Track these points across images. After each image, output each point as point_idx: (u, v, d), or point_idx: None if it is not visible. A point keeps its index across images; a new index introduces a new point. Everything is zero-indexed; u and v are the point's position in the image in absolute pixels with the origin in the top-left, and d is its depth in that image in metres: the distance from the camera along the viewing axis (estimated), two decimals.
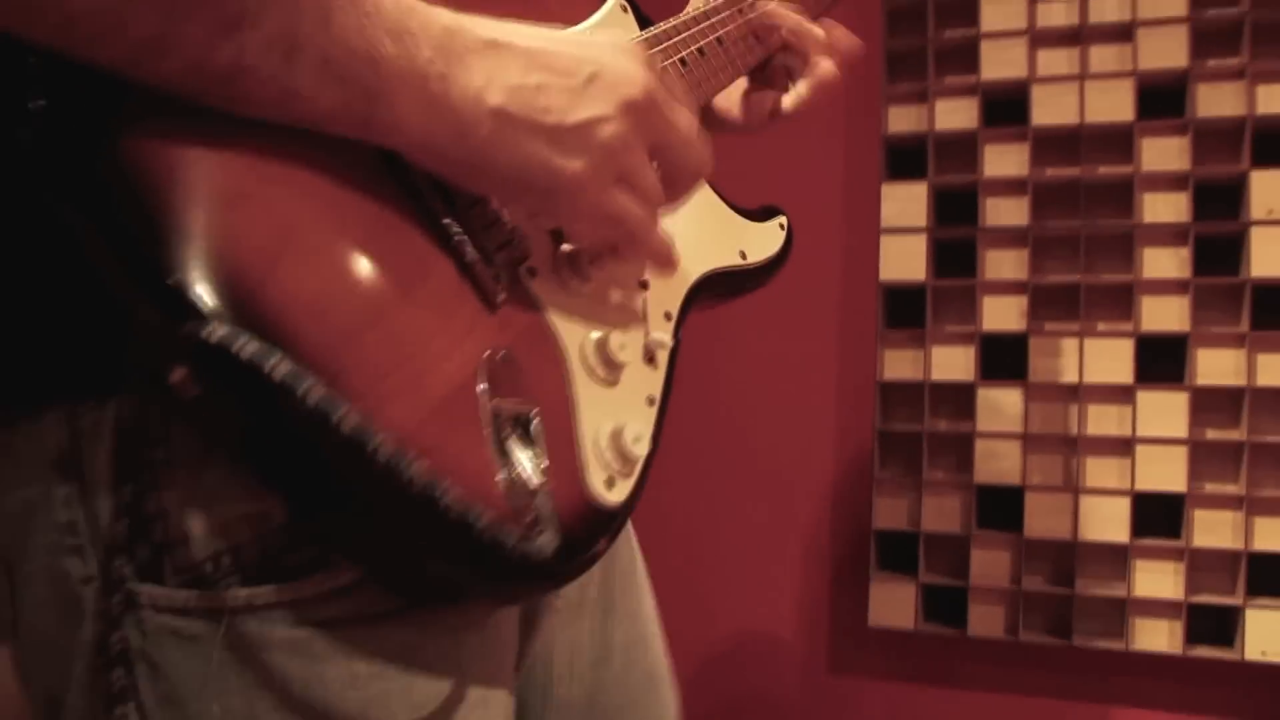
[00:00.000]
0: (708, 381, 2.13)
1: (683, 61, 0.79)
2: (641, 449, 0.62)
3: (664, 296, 0.72)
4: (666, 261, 0.67)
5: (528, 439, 0.54)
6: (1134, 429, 1.81)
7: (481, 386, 0.53)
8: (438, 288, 0.54)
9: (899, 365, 1.98)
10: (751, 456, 2.14)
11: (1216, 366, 1.79)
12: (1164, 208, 1.84)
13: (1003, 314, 1.92)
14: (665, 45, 0.78)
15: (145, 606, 0.52)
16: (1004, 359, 1.91)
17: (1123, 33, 1.88)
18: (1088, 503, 1.83)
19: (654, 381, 0.67)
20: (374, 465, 0.45)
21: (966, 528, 1.90)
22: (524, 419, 0.54)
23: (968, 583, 1.89)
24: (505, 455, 0.52)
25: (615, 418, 0.61)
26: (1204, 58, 1.84)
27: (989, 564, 1.89)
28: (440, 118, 0.51)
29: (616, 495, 0.60)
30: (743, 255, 0.85)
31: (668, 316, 0.71)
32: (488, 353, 0.54)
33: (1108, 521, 1.81)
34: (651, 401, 0.66)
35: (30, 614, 0.56)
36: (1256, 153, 1.79)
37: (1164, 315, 1.83)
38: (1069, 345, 1.87)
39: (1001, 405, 1.90)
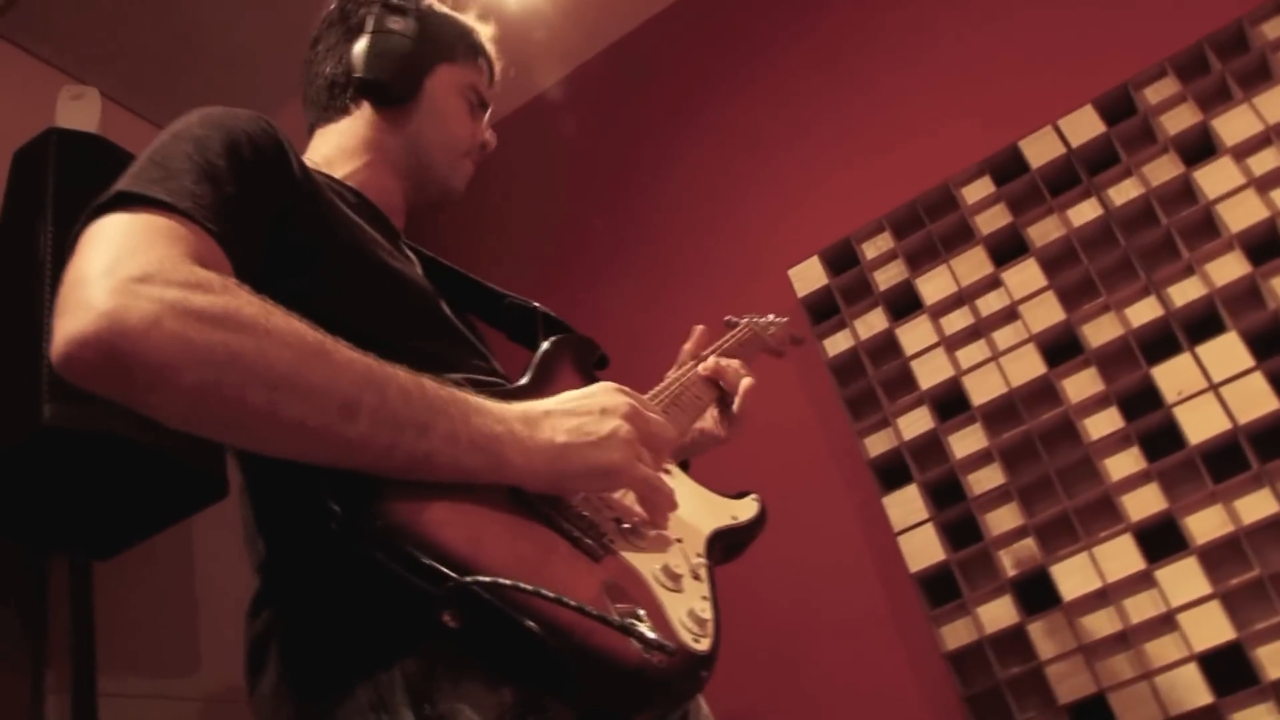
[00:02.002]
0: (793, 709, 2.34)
1: (673, 405, 1.29)
2: (708, 614, 0.95)
3: (692, 544, 1.08)
4: (672, 503, 1.01)
5: (643, 621, 0.83)
6: (1167, 603, 1.99)
7: (605, 600, 0.84)
8: (563, 554, 0.87)
9: (957, 635, 2.20)
10: None
11: (1206, 526, 2.01)
12: (1103, 423, 2.18)
13: (1020, 558, 2.18)
14: (659, 400, 1.27)
15: None
16: (1037, 594, 2.14)
17: (1010, 315, 2.35)
18: (1161, 680, 1.95)
19: (704, 588, 1.01)
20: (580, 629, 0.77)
21: None
22: (635, 613, 0.84)
23: None
24: (629, 631, 0.80)
25: (687, 605, 0.96)
26: (1075, 306, 2.28)
27: None
28: (535, 457, 0.89)
29: (703, 646, 0.90)
30: (734, 518, 1.24)
31: (699, 554, 1.09)
32: (602, 582, 0.87)
33: (1190, 690, 1.93)
34: (705, 598, 0.98)
35: None
36: (1147, 355, 2.16)
37: (1144, 505, 2.08)
38: (1082, 561, 2.10)
39: (1053, 631, 2.09)
